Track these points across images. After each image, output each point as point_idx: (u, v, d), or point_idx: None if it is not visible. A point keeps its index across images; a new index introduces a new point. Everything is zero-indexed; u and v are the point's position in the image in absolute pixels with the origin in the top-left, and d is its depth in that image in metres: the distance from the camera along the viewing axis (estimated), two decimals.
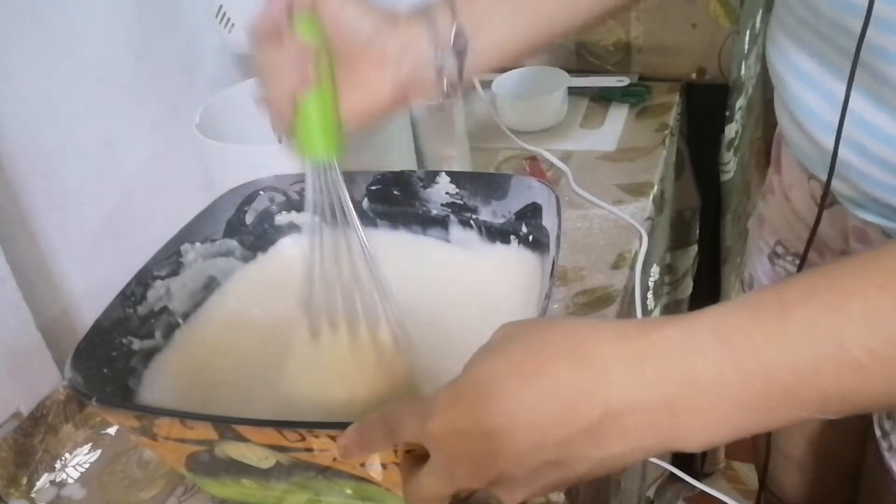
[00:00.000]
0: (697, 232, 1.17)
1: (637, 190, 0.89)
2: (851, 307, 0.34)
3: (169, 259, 0.64)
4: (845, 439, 0.79)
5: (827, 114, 0.57)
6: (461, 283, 0.67)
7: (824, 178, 0.61)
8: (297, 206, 0.71)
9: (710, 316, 0.36)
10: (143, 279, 0.61)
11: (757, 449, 0.83)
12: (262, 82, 0.54)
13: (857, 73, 0.52)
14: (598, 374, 0.36)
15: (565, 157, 0.96)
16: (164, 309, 0.63)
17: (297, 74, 0.52)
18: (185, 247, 0.65)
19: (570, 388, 0.37)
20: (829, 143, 0.57)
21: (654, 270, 0.92)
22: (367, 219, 0.71)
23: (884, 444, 0.62)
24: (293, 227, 0.72)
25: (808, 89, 0.58)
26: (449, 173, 0.68)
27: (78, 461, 0.66)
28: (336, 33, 0.54)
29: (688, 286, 1.18)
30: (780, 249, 0.77)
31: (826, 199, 0.59)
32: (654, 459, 0.75)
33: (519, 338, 0.40)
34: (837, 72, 0.54)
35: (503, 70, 1.06)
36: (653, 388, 0.35)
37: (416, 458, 0.44)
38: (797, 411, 0.35)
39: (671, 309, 1.16)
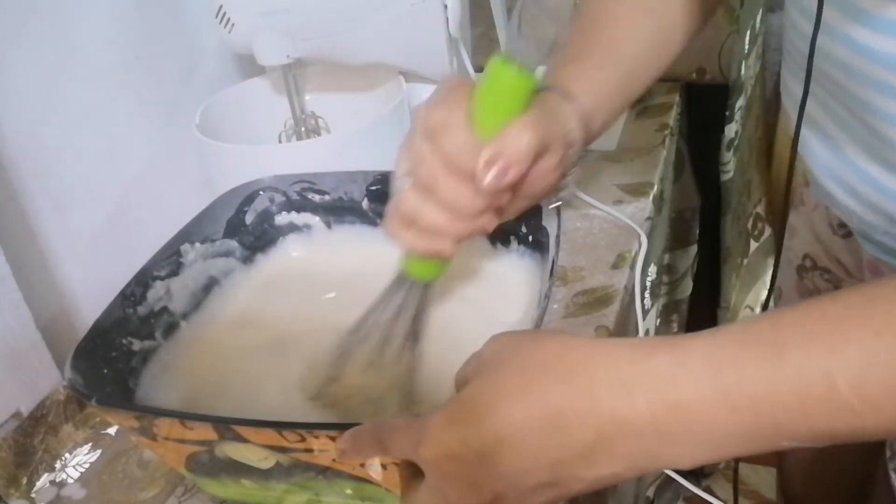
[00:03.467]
0: (697, 232, 1.17)
1: (637, 190, 0.89)
2: (847, 352, 0.33)
3: (169, 259, 0.64)
4: (856, 449, 0.78)
5: (825, 156, 0.57)
6: (460, 284, 0.67)
7: (833, 209, 0.60)
8: (297, 207, 0.71)
9: (701, 346, 0.36)
10: (143, 279, 0.61)
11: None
12: (433, 210, 0.50)
13: (850, 121, 0.52)
14: (587, 396, 0.36)
15: None
16: (164, 309, 0.63)
17: (483, 222, 0.50)
18: (185, 247, 0.65)
19: (560, 408, 0.36)
20: (829, 184, 0.57)
21: (652, 270, 0.92)
22: (367, 218, 0.71)
23: (892, 465, 0.61)
24: (293, 228, 0.72)
25: (811, 132, 0.58)
26: None
27: (78, 461, 0.66)
28: (530, 183, 0.51)
29: (687, 286, 1.18)
30: (808, 263, 0.76)
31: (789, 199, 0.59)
32: None
33: (508, 356, 0.40)
34: (833, 115, 0.54)
35: None
36: (642, 414, 0.35)
37: (415, 464, 0.44)
38: (786, 442, 0.35)
39: (670, 308, 1.16)
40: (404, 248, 0.53)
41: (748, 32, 1.10)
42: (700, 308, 1.22)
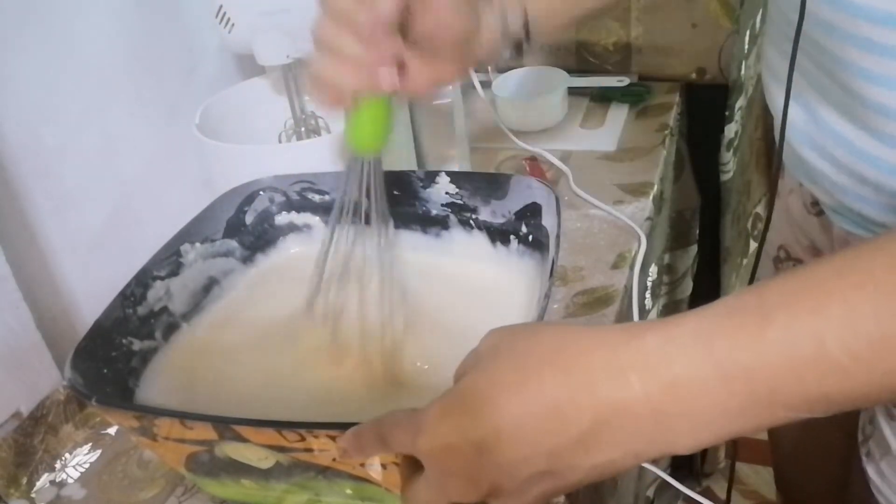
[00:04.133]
0: (697, 232, 1.17)
1: (637, 190, 0.89)
2: (831, 309, 0.33)
3: (169, 259, 0.64)
4: (839, 430, 0.79)
5: (802, 122, 0.58)
6: (461, 283, 0.67)
7: (807, 185, 0.62)
8: (297, 207, 0.71)
9: (689, 321, 0.36)
10: (143, 279, 0.61)
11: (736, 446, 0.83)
12: (329, 62, 0.51)
13: (824, 83, 0.53)
14: (582, 383, 0.36)
15: (565, 157, 0.96)
16: (164, 309, 0.63)
17: (383, 75, 0.51)
18: (185, 247, 0.65)
19: (556, 397, 0.37)
20: (805, 150, 0.58)
21: (652, 270, 0.92)
22: (367, 218, 0.71)
23: (863, 450, 0.62)
24: (293, 228, 0.72)
25: (779, 88, 0.59)
26: (449, 173, 0.68)
27: (78, 461, 0.67)
28: (430, 28, 0.53)
29: (687, 286, 1.18)
30: (782, 254, 0.77)
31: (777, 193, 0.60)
32: (648, 466, 0.75)
33: (504, 348, 0.40)
34: (812, 81, 0.55)
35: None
36: (637, 395, 0.35)
37: (415, 460, 0.44)
38: (782, 413, 0.35)
39: (670, 309, 1.16)
40: (317, 103, 0.56)
41: (748, 32, 1.10)
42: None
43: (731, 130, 1.10)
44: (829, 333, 0.33)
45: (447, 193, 0.68)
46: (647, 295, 0.89)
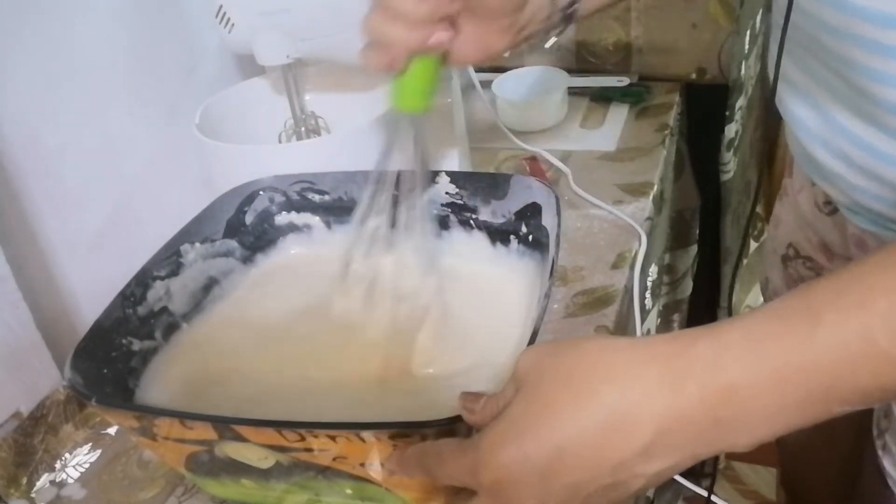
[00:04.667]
0: (697, 232, 1.17)
1: (637, 190, 0.89)
2: (877, 304, 0.34)
3: (169, 259, 0.64)
4: (848, 426, 0.79)
5: (815, 124, 0.58)
6: (461, 283, 0.67)
7: (821, 184, 0.62)
8: (297, 207, 0.71)
9: (739, 328, 0.37)
10: (142, 279, 0.61)
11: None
12: (382, 21, 0.51)
13: (835, 83, 0.53)
14: (641, 395, 0.37)
15: (565, 157, 0.96)
16: (164, 309, 0.63)
17: (432, 35, 0.51)
18: (185, 247, 0.65)
19: (616, 411, 0.37)
20: (819, 151, 0.58)
21: (653, 270, 0.92)
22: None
23: (878, 443, 0.62)
24: (293, 228, 0.72)
25: (797, 99, 0.59)
26: (449, 173, 0.68)
27: (78, 461, 0.67)
28: None
29: (687, 286, 1.18)
30: (791, 252, 0.77)
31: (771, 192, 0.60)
32: None
33: (548, 367, 0.39)
34: (823, 82, 0.55)
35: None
36: (695, 402, 0.36)
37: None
38: (837, 407, 0.36)
39: (670, 308, 1.16)
40: (368, 67, 0.54)
41: (748, 32, 1.10)
42: (700, 308, 1.22)
43: (731, 130, 1.10)
44: (878, 327, 0.34)
45: (447, 193, 0.68)
46: (648, 295, 0.89)
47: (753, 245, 1.37)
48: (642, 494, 0.39)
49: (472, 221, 0.68)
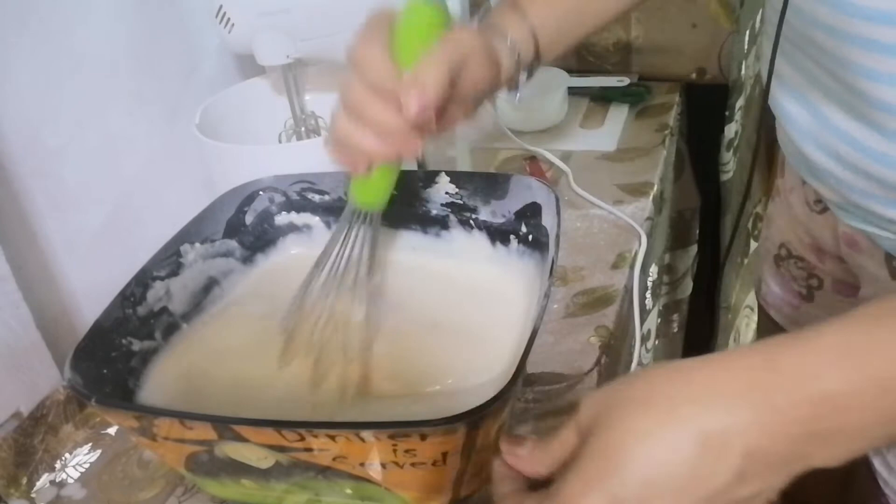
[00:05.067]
0: (697, 232, 1.17)
1: (637, 190, 0.89)
2: None
3: (169, 259, 0.64)
4: None
5: (806, 122, 0.58)
6: (461, 283, 0.67)
7: (812, 182, 0.62)
8: (297, 207, 0.71)
9: (831, 333, 0.35)
10: (142, 279, 0.61)
11: None
12: (360, 131, 0.52)
13: (828, 81, 0.53)
14: (725, 414, 0.34)
15: (565, 157, 0.96)
16: (164, 309, 0.63)
17: (408, 143, 0.51)
18: (185, 247, 0.65)
19: (702, 435, 0.34)
20: (810, 149, 0.58)
21: (653, 270, 0.92)
22: None
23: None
24: (293, 228, 0.72)
25: (789, 97, 0.59)
26: (449, 173, 0.68)
27: (78, 461, 0.67)
28: (464, 88, 0.53)
29: (687, 286, 1.18)
30: (783, 252, 0.77)
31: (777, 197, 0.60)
32: None
33: (620, 398, 0.37)
34: (815, 81, 0.55)
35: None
36: (786, 416, 0.34)
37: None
38: None
39: (671, 308, 1.16)
40: (341, 167, 0.56)
41: (748, 32, 1.10)
42: (700, 308, 1.22)
43: (731, 130, 1.10)
44: None
45: (447, 193, 0.68)
46: (648, 295, 0.89)
47: (753, 245, 1.37)
48: None
49: (471, 221, 0.68)
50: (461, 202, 0.68)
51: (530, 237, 0.65)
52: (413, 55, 0.51)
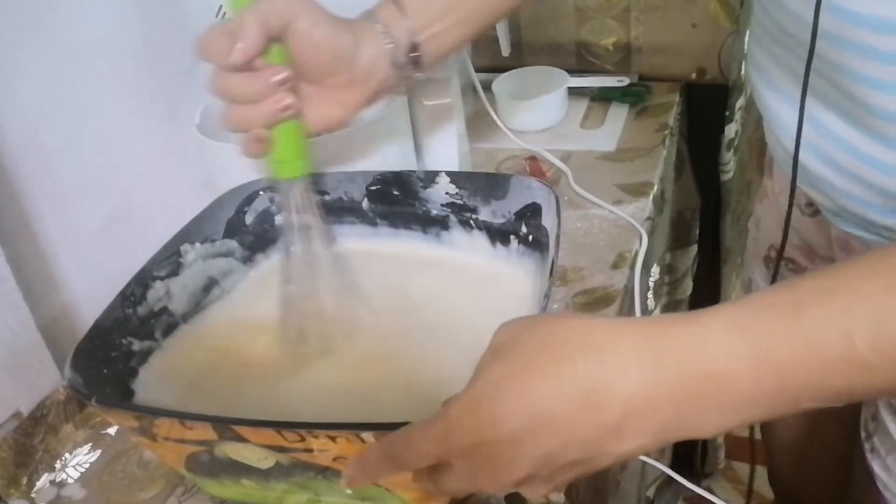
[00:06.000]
0: (697, 232, 1.17)
1: (637, 190, 0.89)
2: (861, 310, 0.35)
3: (169, 259, 0.64)
4: (839, 428, 0.79)
5: (804, 129, 0.58)
6: (461, 284, 0.67)
7: (804, 188, 0.62)
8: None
9: (723, 315, 0.37)
10: (142, 279, 0.61)
11: (753, 447, 0.83)
12: (233, 109, 0.56)
13: (826, 89, 0.53)
14: (617, 369, 0.37)
15: (565, 157, 0.96)
16: (164, 309, 0.63)
17: (276, 102, 0.54)
18: (185, 247, 0.65)
19: (591, 384, 0.36)
20: (805, 155, 0.59)
21: (655, 270, 0.92)
22: (367, 219, 0.71)
23: (867, 446, 0.62)
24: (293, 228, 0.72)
25: (779, 100, 0.59)
26: (449, 173, 0.68)
27: (78, 461, 0.67)
28: (307, 54, 0.55)
29: (688, 286, 1.18)
30: (772, 253, 0.77)
31: (794, 201, 0.60)
32: (652, 462, 0.75)
33: (526, 335, 0.39)
34: (812, 86, 0.55)
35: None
36: (672, 384, 0.36)
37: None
38: (806, 403, 0.36)
39: (671, 309, 1.16)
40: (246, 157, 0.58)
41: (748, 32, 1.10)
42: (700, 308, 1.22)
43: (731, 130, 1.10)
44: (859, 333, 0.34)
45: (447, 193, 0.68)
46: (650, 295, 0.89)
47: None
48: (581, 496, 0.39)
49: (472, 221, 0.68)
50: (461, 202, 0.68)
51: (530, 237, 0.65)
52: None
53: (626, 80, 1.07)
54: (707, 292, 1.22)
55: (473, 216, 0.68)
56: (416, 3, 0.60)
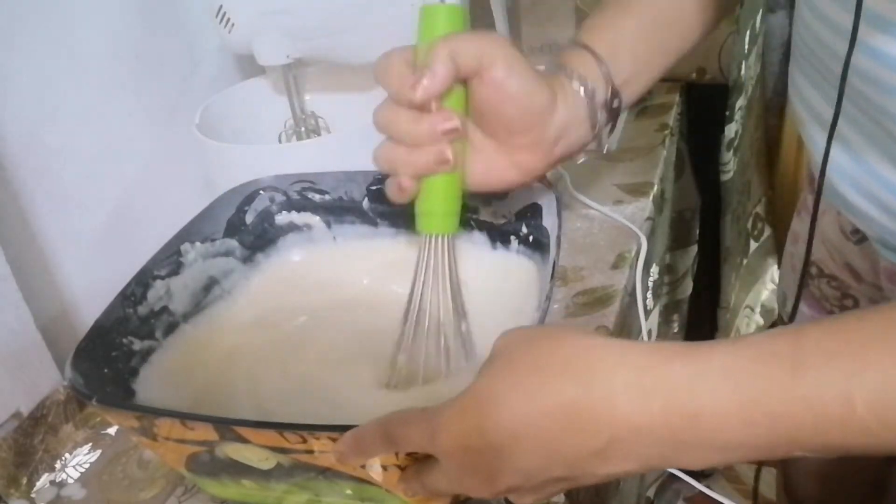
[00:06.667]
0: (697, 232, 1.17)
1: (637, 190, 0.89)
2: (866, 375, 0.33)
3: (169, 259, 0.64)
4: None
5: (846, 163, 0.55)
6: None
7: (848, 216, 0.59)
8: (298, 206, 0.71)
9: (720, 356, 0.36)
10: (143, 279, 0.61)
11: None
12: (387, 147, 0.51)
13: (877, 134, 0.51)
14: (603, 400, 0.36)
15: None
16: (165, 309, 0.63)
17: (434, 154, 0.50)
18: (186, 247, 0.65)
19: (576, 409, 0.36)
20: (850, 191, 0.56)
21: (654, 270, 0.92)
22: (367, 218, 0.71)
23: None
24: (293, 227, 0.72)
25: (818, 128, 0.57)
26: None
27: (78, 461, 0.66)
28: (495, 105, 0.51)
29: (688, 286, 1.18)
30: (813, 270, 0.75)
31: (813, 223, 0.58)
32: None
33: (522, 350, 0.40)
34: (859, 128, 0.53)
35: None
36: (658, 421, 0.36)
37: (419, 458, 0.44)
38: (798, 453, 0.36)
39: (671, 309, 1.16)
40: (397, 199, 0.54)
41: (748, 32, 1.10)
42: (700, 308, 1.22)
43: (731, 130, 1.10)
44: (861, 398, 0.33)
45: None
46: (649, 295, 0.89)
47: (753, 245, 1.37)
48: (582, 497, 0.39)
49: (472, 221, 0.68)
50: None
51: (531, 238, 0.65)
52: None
53: None
54: (707, 292, 1.22)
55: (474, 216, 0.68)
56: (607, 44, 0.56)
